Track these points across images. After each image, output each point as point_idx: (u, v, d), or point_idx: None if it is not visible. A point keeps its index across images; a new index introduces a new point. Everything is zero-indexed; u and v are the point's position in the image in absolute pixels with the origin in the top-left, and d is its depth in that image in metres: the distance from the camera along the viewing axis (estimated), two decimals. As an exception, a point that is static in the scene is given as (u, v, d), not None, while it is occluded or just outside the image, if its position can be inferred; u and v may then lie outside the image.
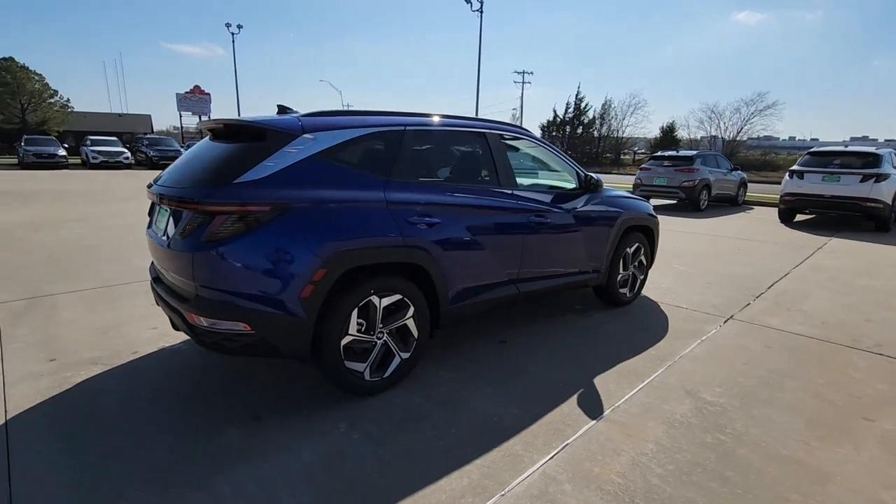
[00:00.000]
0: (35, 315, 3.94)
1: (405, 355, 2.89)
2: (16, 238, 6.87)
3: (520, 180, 3.51)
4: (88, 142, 25.19)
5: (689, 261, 6.47)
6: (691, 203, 12.15)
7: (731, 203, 13.87)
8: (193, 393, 2.82)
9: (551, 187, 4.02)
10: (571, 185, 3.99)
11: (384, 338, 2.78)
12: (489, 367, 3.22)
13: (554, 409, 2.71)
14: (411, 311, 2.86)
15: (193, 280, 2.36)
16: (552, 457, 2.29)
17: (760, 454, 2.34)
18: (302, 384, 2.92)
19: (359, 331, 2.67)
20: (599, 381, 3.05)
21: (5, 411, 2.56)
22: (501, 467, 2.21)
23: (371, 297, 2.66)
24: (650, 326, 4.04)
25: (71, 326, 3.70)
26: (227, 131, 2.76)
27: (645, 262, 4.67)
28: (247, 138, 2.58)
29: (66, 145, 26.56)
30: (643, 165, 13.44)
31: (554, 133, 46.91)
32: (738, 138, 38.62)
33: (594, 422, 2.59)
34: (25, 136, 24.56)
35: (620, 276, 4.38)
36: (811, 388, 3.02)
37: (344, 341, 2.60)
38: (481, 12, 27.92)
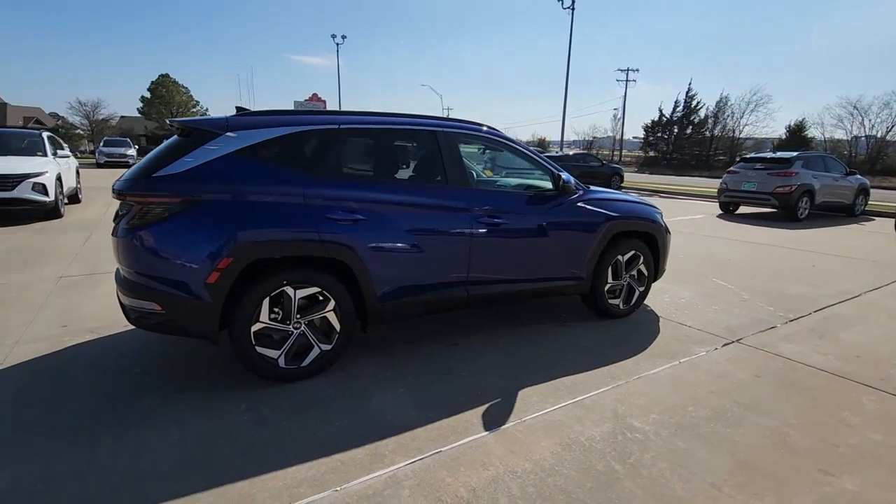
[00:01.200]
0: (79, 289, 4.66)
1: (326, 347, 2.97)
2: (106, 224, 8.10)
3: (508, 179, 3.41)
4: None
5: (737, 275, 5.73)
6: (787, 211, 10.68)
7: (847, 213, 11.95)
8: (147, 364, 3.15)
9: (528, 188, 3.84)
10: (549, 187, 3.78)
11: (301, 328, 2.89)
12: (421, 368, 3.17)
13: (454, 415, 2.61)
14: (332, 304, 2.93)
15: (119, 262, 2.67)
16: (413, 462, 2.22)
17: (648, 491, 2.06)
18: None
19: (273, 319, 2.80)
20: (525, 393, 2.86)
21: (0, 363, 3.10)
22: (357, 464, 2.20)
23: (285, 288, 2.78)
24: (630, 341, 3.68)
25: (95, 301, 4.32)
26: (181, 130, 3.05)
27: (646, 273, 4.24)
28: (184, 136, 2.84)
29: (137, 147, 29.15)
30: (731, 168, 12.08)
31: (658, 134, 43.81)
32: (888, 137, 33.00)
33: (486, 433, 2.46)
34: (105, 139, 27.19)
35: (609, 285, 4.04)
36: (774, 427, 2.56)
37: (255, 328, 2.75)
38: (573, 9, 26.92)
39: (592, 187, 4.35)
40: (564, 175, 3.68)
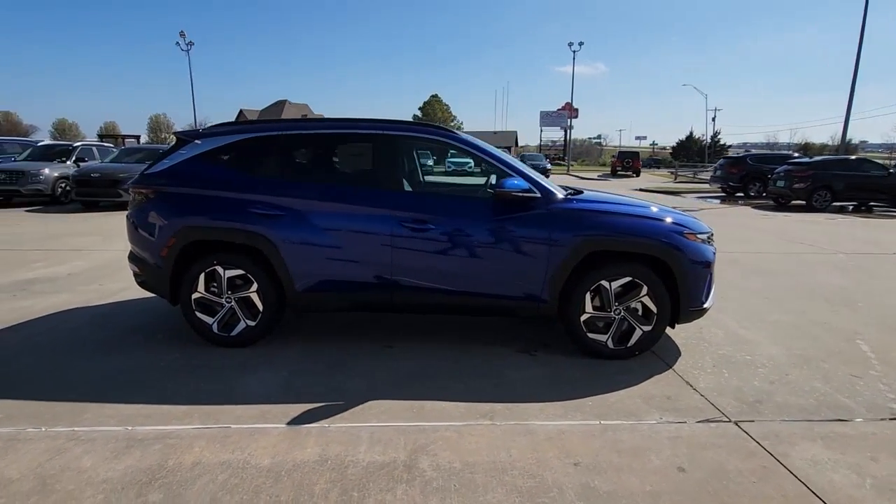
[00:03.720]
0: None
1: (251, 323, 3.42)
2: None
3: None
4: None
5: (834, 312, 3.76)
6: None
7: None
8: (141, 324, 4.08)
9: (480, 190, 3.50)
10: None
11: (231, 303, 3.42)
12: (326, 361, 3.31)
13: (288, 403, 2.73)
14: (255, 286, 3.37)
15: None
16: (207, 427, 2.48)
17: (319, 526, 1.84)
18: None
19: (211, 292, 3.41)
20: (372, 404, 2.74)
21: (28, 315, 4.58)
22: (173, 415, 2.58)
23: (216, 267, 3.36)
24: (574, 383, 2.99)
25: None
26: (175, 138, 3.84)
27: (654, 309, 3.29)
28: (175, 143, 3.68)
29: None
30: None
31: None
32: None
33: (279, 425, 2.51)
34: None
35: (588, 315, 3.31)
36: (580, 529, 1.84)
37: (194, 296, 3.40)
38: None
39: (588, 194, 3.65)
40: (517, 181, 3.23)
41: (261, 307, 3.40)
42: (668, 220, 3.35)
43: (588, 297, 3.28)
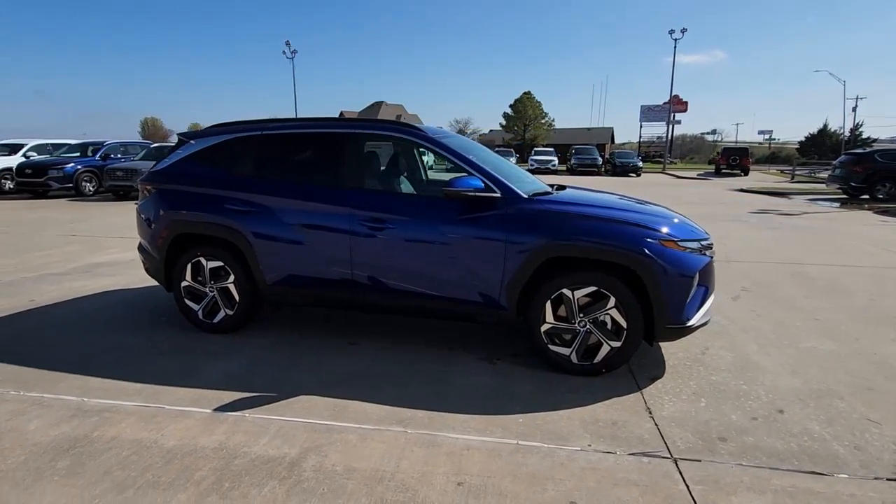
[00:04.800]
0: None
1: (229, 312, 3.65)
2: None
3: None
4: None
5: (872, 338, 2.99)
6: None
7: None
8: (155, 308, 4.53)
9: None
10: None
11: (213, 293, 3.67)
12: (288, 352, 3.42)
13: (227, 391, 2.87)
14: (232, 278, 3.59)
15: (139, 228, 4.10)
16: (141, 404, 2.70)
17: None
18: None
19: (197, 281, 3.69)
20: (297, 400, 2.79)
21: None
22: (125, 390, 2.85)
23: (200, 258, 3.63)
24: (517, 398, 2.79)
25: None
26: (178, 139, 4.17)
27: (624, 325, 2.95)
28: (177, 143, 4.01)
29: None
30: None
31: None
32: None
33: (204, 410, 2.65)
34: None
35: (549, 326, 3.06)
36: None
37: (183, 284, 3.70)
38: None
39: (564, 194, 3.42)
40: (472, 180, 3.07)
41: (237, 297, 3.61)
42: (645, 224, 2.97)
43: (549, 306, 3.04)
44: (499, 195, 3.11)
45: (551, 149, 35.22)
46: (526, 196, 3.15)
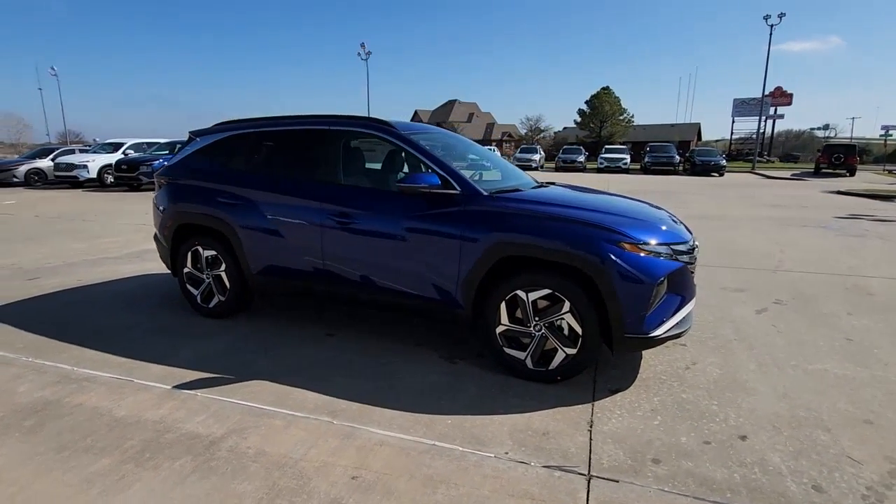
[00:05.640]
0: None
1: (222, 298, 3.91)
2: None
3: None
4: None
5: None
6: None
7: None
8: (172, 291, 4.93)
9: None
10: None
11: (209, 280, 3.95)
12: (261, 340, 3.60)
13: (185, 369, 3.09)
14: (223, 266, 3.84)
15: (155, 219, 4.48)
16: (113, 376, 2.99)
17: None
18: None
19: (195, 267, 3.99)
20: (248, 384, 2.93)
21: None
22: (105, 361, 3.17)
23: (198, 247, 3.92)
24: (457, 399, 2.73)
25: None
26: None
27: (579, 331, 2.78)
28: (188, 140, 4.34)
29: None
30: None
31: None
32: None
33: (161, 385, 2.87)
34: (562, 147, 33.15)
35: (504, 328, 2.96)
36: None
37: (185, 270, 4.02)
38: None
39: (535, 191, 3.34)
40: (429, 176, 3.04)
41: (228, 285, 3.86)
42: (605, 225, 2.77)
43: (504, 307, 2.94)
44: (458, 192, 3.06)
45: (624, 146, 33.69)
46: (486, 193, 3.06)
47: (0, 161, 18.75)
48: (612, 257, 2.66)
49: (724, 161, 27.43)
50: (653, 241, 2.77)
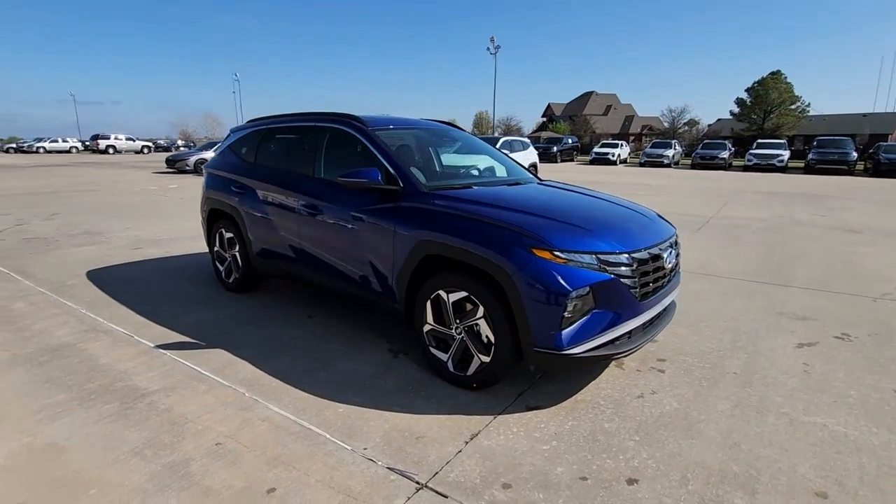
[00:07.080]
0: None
1: (237, 276, 4.44)
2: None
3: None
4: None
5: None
6: None
7: None
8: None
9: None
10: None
11: (229, 259, 4.50)
12: (253, 319, 4.00)
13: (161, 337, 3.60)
14: (238, 247, 4.36)
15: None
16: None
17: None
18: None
19: (221, 247, 4.58)
20: (233, 360, 3.32)
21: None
22: (104, 330, 3.85)
23: (221, 229, 4.50)
24: (369, 390, 2.78)
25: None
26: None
27: (491, 338, 2.63)
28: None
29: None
30: None
31: None
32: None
33: (146, 341, 3.40)
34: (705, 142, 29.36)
35: (430, 328, 2.92)
36: None
37: (214, 249, 4.64)
38: None
39: (486, 189, 3.19)
40: (371, 171, 3.09)
41: (241, 264, 4.37)
42: (523, 228, 2.55)
43: (429, 306, 2.90)
44: (399, 188, 3.07)
45: (782, 141, 28.81)
46: (425, 190, 3.02)
47: (179, 153, 22.89)
48: (521, 262, 2.46)
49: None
50: (576, 249, 2.49)
